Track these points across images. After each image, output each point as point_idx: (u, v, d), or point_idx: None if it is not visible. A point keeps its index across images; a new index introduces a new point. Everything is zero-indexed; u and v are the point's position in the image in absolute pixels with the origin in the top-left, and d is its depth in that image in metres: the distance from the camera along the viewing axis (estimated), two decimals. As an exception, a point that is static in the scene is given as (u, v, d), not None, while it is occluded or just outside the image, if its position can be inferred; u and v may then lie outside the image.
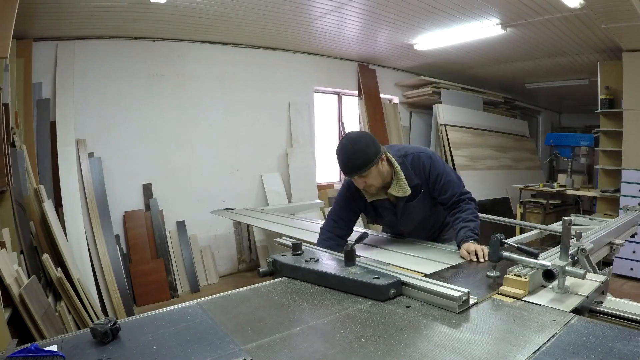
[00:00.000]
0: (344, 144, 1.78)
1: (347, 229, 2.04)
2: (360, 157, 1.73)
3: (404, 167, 1.88)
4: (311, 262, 1.48)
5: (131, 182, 4.29)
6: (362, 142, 1.75)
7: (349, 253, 1.43)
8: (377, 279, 1.29)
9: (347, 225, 2.04)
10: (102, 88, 4.11)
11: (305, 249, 1.63)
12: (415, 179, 1.89)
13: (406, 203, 1.94)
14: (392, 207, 1.98)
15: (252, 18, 4.05)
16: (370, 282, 1.27)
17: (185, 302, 1.26)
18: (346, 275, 1.34)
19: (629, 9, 3.36)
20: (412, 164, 1.90)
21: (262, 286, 1.43)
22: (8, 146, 2.63)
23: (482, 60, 5.79)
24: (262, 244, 4.94)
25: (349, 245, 1.44)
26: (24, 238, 2.86)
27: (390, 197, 1.93)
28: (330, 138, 6.08)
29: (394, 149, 1.95)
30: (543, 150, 8.25)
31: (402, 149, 1.97)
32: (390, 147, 1.96)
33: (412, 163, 1.91)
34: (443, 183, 1.91)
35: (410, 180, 1.88)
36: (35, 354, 0.88)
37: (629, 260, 4.42)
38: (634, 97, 4.56)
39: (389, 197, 1.94)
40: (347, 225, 2.04)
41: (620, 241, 2.23)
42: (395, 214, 2.01)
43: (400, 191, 1.87)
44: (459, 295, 1.14)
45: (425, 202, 1.97)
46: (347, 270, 1.39)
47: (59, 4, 3.27)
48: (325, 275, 1.39)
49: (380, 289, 1.25)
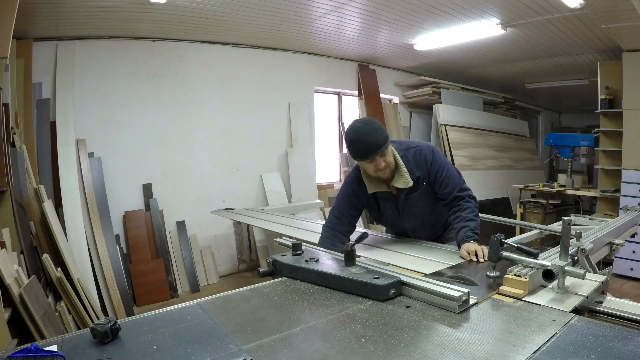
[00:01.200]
0: (358, 127, 1.79)
1: (350, 225, 2.04)
2: (380, 134, 1.76)
3: (405, 160, 1.89)
4: (311, 262, 1.48)
5: (131, 182, 4.29)
6: (375, 122, 1.81)
7: (349, 253, 1.43)
8: (377, 279, 1.29)
9: (350, 222, 2.03)
10: (102, 88, 4.11)
11: (305, 249, 1.63)
12: (417, 171, 1.90)
13: (408, 195, 1.95)
14: (394, 199, 1.99)
15: (252, 18, 4.05)
16: (370, 282, 1.27)
17: (185, 302, 1.26)
18: (346, 275, 1.34)
19: (629, 9, 3.36)
20: (414, 157, 1.92)
21: (262, 286, 1.43)
22: (8, 146, 2.63)
23: (482, 60, 5.80)
24: (262, 244, 4.94)
25: (349, 245, 1.44)
26: (24, 238, 2.86)
27: (392, 189, 1.94)
28: (330, 138, 6.09)
29: (397, 143, 1.97)
30: (543, 150, 8.25)
31: (404, 143, 1.99)
32: (392, 141, 1.94)
33: (414, 156, 1.92)
34: (444, 177, 1.92)
35: (412, 173, 1.89)
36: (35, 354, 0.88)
37: (629, 260, 4.42)
38: (634, 97, 4.56)
39: (391, 190, 1.95)
40: (350, 222, 2.03)
41: (620, 241, 2.23)
42: (397, 207, 2.01)
43: (402, 183, 1.87)
44: (459, 295, 1.14)
45: (427, 196, 1.98)
46: (347, 270, 1.38)
47: (59, 4, 3.27)
48: (325, 275, 1.39)
49: (380, 289, 1.25)
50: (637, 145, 4.55)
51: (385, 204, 2.02)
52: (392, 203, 2.00)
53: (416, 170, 1.90)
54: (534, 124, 8.86)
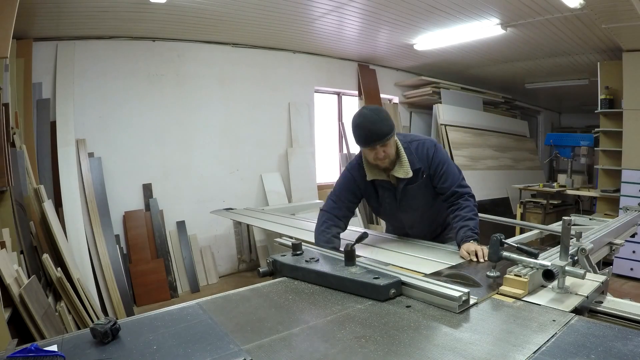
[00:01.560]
0: (365, 114, 1.84)
1: (347, 211, 2.04)
2: (386, 124, 1.80)
3: (408, 152, 1.93)
4: (311, 262, 1.48)
5: (131, 182, 4.29)
6: (383, 112, 1.86)
7: (348, 253, 1.42)
8: (377, 278, 1.28)
9: (347, 207, 2.03)
10: (102, 88, 4.11)
11: (305, 249, 1.63)
12: (417, 163, 1.93)
13: (406, 186, 1.96)
14: (393, 189, 2.00)
15: (252, 18, 4.05)
16: (370, 282, 1.27)
17: (185, 302, 1.26)
18: (346, 275, 1.34)
19: (629, 9, 3.36)
20: (416, 149, 1.95)
21: (262, 286, 1.43)
22: (8, 146, 2.63)
23: (482, 60, 5.79)
24: (262, 244, 4.94)
25: (349, 245, 1.43)
26: (24, 238, 2.86)
27: (392, 179, 1.97)
28: (330, 138, 6.08)
29: (400, 136, 1.99)
30: (543, 150, 8.25)
31: (408, 136, 2.03)
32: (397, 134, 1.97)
33: (417, 149, 1.96)
34: (444, 171, 1.94)
35: (413, 164, 1.92)
36: (35, 354, 0.88)
37: (629, 260, 4.42)
38: (634, 97, 4.56)
39: (391, 179, 1.97)
40: (347, 207, 2.03)
41: (620, 241, 2.23)
42: (395, 198, 2.02)
43: (402, 173, 1.90)
44: (459, 295, 1.14)
45: (426, 189, 2.00)
46: (347, 270, 1.38)
47: (59, 4, 3.27)
48: (325, 275, 1.39)
49: (380, 289, 1.24)
50: (637, 145, 4.55)
51: (384, 192, 2.03)
52: (391, 192, 2.02)
53: (417, 162, 1.93)
54: (534, 124, 8.86)
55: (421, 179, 1.96)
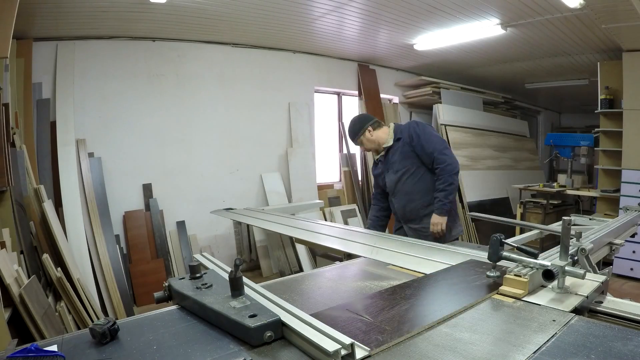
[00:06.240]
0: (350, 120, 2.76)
1: (382, 197, 2.84)
2: (357, 126, 2.68)
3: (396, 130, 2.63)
4: (201, 290, 1.18)
5: (131, 182, 4.29)
6: (360, 117, 2.78)
7: (232, 281, 1.11)
8: (254, 317, 0.97)
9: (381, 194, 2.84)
10: (102, 88, 4.12)
11: (210, 271, 1.39)
12: (399, 134, 2.60)
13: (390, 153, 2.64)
14: (385, 161, 2.70)
15: (252, 18, 4.05)
16: (241, 322, 0.96)
17: (185, 302, 1.25)
18: (222, 311, 1.03)
19: (629, 9, 3.36)
20: (402, 126, 2.65)
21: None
22: (8, 146, 2.63)
23: (482, 60, 5.79)
24: (262, 244, 4.95)
25: (232, 272, 1.12)
26: (24, 238, 2.86)
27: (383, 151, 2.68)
28: (330, 138, 6.08)
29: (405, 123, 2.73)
30: (543, 150, 8.26)
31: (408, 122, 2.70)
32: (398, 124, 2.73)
33: (405, 126, 2.65)
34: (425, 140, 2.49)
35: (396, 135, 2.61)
36: (35, 354, 0.87)
37: (629, 260, 4.42)
38: (634, 97, 4.56)
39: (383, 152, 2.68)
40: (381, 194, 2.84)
41: (620, 241, 2.22)
42: (387, 165, 2.68)
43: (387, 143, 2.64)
44: (336, 350, 0.83)
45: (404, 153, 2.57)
46: (228, 303, 1.06)
47: (59, 4, 3.27)
48: (205, 309, 1.09)
49: (251, 332, 0.93)
50: (637, 145, 4.55)
51: (382, 166, 2.72)
52: (383, 164, 2.71)
53: (400, 134, 2.60)
54: (534, 124, 8.87)
55: (399, 144, 2.58)
